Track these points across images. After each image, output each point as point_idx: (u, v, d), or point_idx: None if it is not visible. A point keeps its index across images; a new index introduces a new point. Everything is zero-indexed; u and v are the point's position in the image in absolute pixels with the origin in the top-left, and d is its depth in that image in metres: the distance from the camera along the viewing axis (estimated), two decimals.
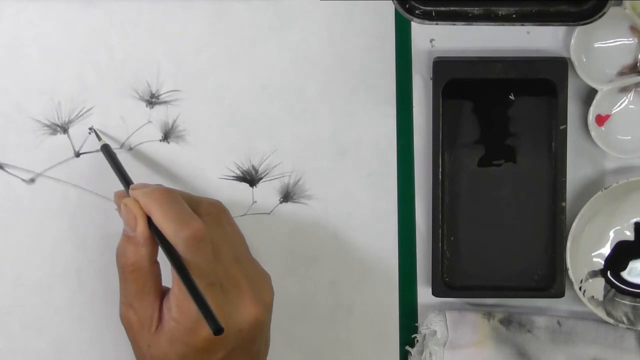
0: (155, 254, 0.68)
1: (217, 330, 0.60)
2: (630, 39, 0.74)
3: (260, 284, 0.69)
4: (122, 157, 0.75)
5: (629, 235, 0.76)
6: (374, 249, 0.76)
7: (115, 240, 0.76)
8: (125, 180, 0.71)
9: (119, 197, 0.70)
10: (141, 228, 0.67)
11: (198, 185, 0.76)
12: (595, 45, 0.74)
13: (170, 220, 0.66)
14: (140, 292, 0.68)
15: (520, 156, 0.75)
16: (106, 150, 0.74)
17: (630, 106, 0.75)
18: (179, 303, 0.65)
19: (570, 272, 0.74)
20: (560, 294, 0.75)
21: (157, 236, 0.66)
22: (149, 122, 0.76)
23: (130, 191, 0.69)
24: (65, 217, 0.76)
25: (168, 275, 0.67)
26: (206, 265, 0.65)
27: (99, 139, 0.74)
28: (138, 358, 0.70)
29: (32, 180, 0.76)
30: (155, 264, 0.68)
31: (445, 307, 0.77)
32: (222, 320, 0.61)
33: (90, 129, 0.75)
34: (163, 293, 0.69)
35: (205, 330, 0.63)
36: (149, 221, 0.67)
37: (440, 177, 0.74)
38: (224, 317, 0.63)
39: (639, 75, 0.74)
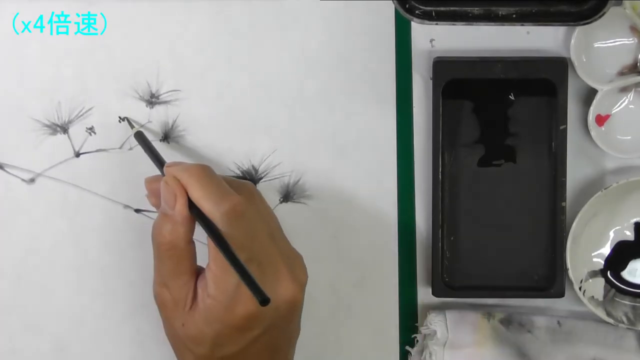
0: (192, 233, 0.68)
1: (263, 300, 0.60)
2: (630, 39, 0.74)
3: (295, 264, 0.69)
4: (122, 157, 0.75)
5: (629, 235, 0.76)
6: (374, 249, 0.76)
7: (115, 241, 0.76)
8: (159, 161, 0.71)
9: (150, 182, 0.70)
10: (180, 205, 0.66)
11: None
12: (595, 45, 0.74)
13: (209, 195, 0.65)
14: (175, 270, 0.67)
15: (520, 156, 0.75)
16: (140, 137, 0.73)
17: (630, 106, 0.75)
18: (216, 280, 0.65)
19: (570, 272, 0.74)
20: (560, 294, 0.75)
21: (194, 211, 0.66)
22: (149, 122, 0.76)
23: (165, 168, 0.69)
24: (65, 217, 0.76)
25: (201, 255, 0.67)
26: (245, 240, 0.65)
27: (132, 126, 0.74)
28: (171, 337, 0.70)
29: (32, 180, 0.76)
30: (191, 243, 0.68)
31: (445, 307, 0.77)
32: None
33: (121, 118, 0.75)
34: (198, 272, 0.68)
35: (242, 307, 0.63)
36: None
37: (440, 177, 0.74)
38: None
39: (639, 75, 0.74)
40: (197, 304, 0.67)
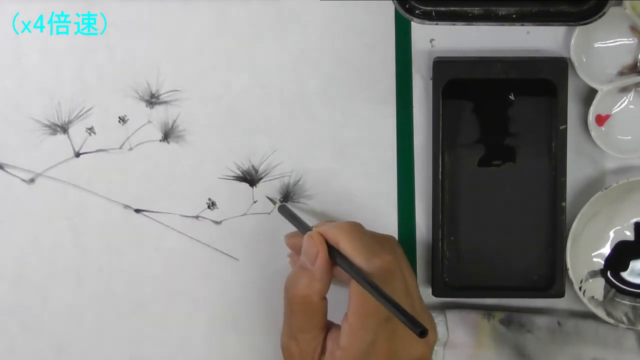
0: (326, 290, 0.68)
1: (422, 332, 0.59)
2: (630, 39, 0.74)
3: (427, 323, 0.68)
4: (122, 157, 0.75)
5: (629, 235, 0.76)
6: None
7: (115, 241, 0.76)
8: (305, 227, 0.71)
9: (290, 237, 0.72)
10: (321, 261, 0.66)
11: (198, 185, 0.76)
12: (595, 45, 0.74)
13: (360, 250, 0.66)
14: (306, 324, 0.68)
15: (520, 156, 0.75)
16: (285, 210, 0.74)
17: (630, 106, 0.75)
18: (352, 333, 0.65)
19: (570, 272, 0.74)
20: (560, 294, 0.75)
21: (343, 263, 0.66)
22: (149, 122, 0.76)
23: (314, 227, 0.69)
24: (65, 217, 0.76)
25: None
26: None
27: (274, 202, 0.75)
28: None
29: (32, 180, 0.76)
30: (324, 300, 0.68)
31: (445, 307, 0.77)
32: (391, 355, 0.62)
33: (274, 201, 0.75)
34: (327, 327, 0.68)
35: None
36: (331, 255, 0.67)
37: (440, 177, 0.74)
38: (392, 352, 0.64)
39: (639, 75, 0.74)
40: (324, 358, 0.67)
